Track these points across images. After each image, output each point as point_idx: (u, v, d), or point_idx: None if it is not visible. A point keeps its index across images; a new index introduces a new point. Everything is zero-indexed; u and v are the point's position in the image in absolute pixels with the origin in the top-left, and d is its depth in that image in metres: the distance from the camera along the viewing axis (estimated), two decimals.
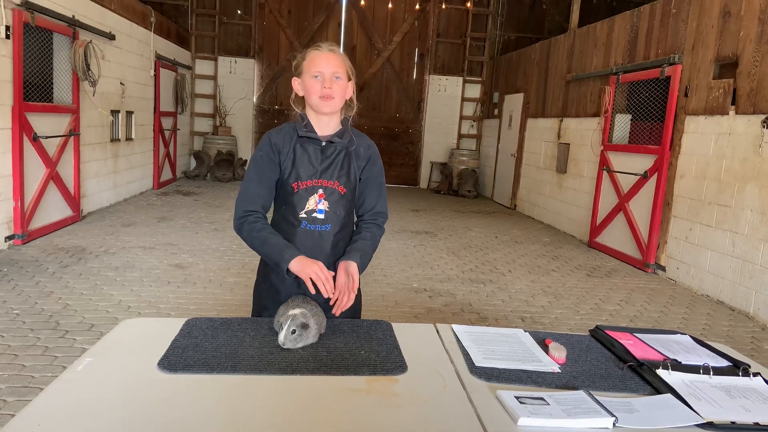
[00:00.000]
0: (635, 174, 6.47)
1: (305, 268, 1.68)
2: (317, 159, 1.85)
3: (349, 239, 1.93)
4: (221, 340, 1.56)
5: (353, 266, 1.78)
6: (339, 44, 12.21)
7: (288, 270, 1.72)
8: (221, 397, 1.28)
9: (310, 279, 1.66)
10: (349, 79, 1.88)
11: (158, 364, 1.40)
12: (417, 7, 12.20)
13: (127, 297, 4.25)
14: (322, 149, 1.87)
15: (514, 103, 10.69)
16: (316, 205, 1.84)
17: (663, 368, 1.50)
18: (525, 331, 1.78)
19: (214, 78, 11.95)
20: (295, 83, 1.89)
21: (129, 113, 8.41)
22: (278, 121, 12.18)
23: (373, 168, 1.95)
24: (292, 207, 1.85)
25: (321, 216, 1.85)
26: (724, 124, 5.27)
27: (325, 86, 1.80)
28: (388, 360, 1.50)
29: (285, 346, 1.52)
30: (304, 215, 1.84)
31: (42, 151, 5.86)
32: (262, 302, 1.95)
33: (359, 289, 2.05)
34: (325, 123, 1.88)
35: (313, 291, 1.68)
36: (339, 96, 1.83)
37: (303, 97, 1.88)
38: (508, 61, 11.27)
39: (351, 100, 1.93)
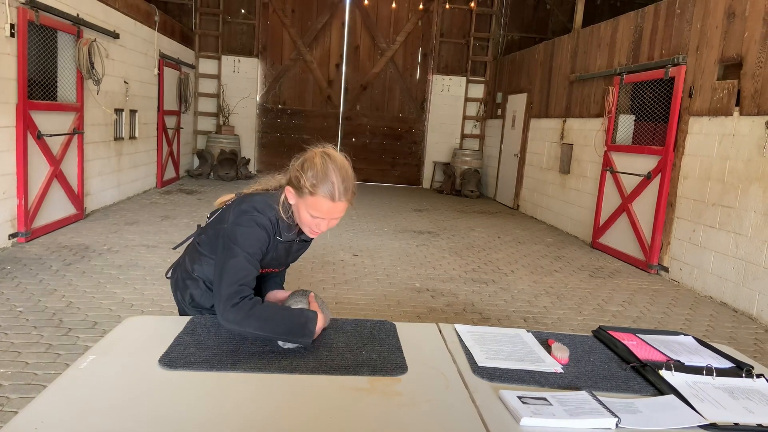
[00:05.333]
0: (639, 175, 6.45)
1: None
2: (287, 254, 1.90)
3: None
4: (223, 338, 1.57)
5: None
6: (342, 44, 12.24)
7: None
8: (223, 394, 1.28)
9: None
10: None
11: (159, 360, 1.40)
12: (420, 6, 12.19)
13: (130, 295, 4.26)
14: (290, 245, 1.86)
15: (517, 103, 10.67)
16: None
17: (666, 369, 1.50)
18: (528, 332, 1.78)
19: (217, 77, 11.96)
20: (290, 193, 1.71)
21: (133, 112, 8.43)
22: (281, 121, 12.22)
23: None
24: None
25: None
26: (728, 125, 5.25)
27: (320, 229, 1.73)
28: (388, 361, 1.50)
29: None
30: None
31: (46, 150, 5.87)
32: None
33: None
34: None
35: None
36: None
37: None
38: (512, 62, 11.26)
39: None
